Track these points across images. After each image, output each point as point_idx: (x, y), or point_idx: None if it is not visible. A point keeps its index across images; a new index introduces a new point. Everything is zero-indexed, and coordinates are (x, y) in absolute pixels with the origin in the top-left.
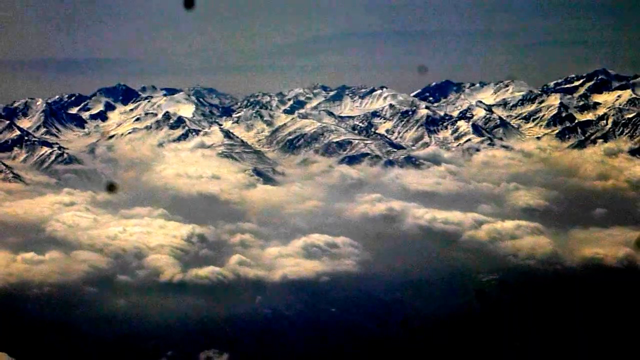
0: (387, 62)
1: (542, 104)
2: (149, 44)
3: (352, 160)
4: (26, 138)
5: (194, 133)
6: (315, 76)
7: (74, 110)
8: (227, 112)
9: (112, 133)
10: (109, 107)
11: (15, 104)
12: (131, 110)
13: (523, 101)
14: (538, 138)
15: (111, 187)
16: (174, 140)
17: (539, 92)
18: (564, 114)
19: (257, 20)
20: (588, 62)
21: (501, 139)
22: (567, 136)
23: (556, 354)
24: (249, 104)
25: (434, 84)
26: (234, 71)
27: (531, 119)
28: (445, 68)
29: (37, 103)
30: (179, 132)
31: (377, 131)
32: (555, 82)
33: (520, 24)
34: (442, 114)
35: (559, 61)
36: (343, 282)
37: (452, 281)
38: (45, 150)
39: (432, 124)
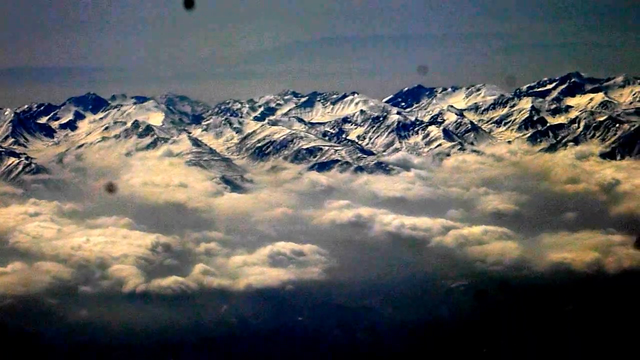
0: (360, 67)
1: (514, 108)
2: (121, 52)
3: (321, 166)
4: None
5: (162, 141)
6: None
7: (43, 120)
8: (198, 119)
9: (81, 142)
10: (79, 116)
11: None
12: (101, 119)
13: (495, 105)
14: (509, 142)
15: (111, 188)
16: (142, 149)
17: (511, 96)
18: (535, 118)
19: (232, 27)
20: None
21: (472, 143)
22: (538, 140)
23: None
24: (219, 111)
25: (405, 89)
26: (208, 78)
27: (503, 122)
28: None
29: (5, 113)
30: (147, 140)
31: (347, 137)
32: (527, 85)
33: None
34: (413, 119)
35: (533, 64)
36: (309, 290)
37: (420, 287)
38: (13, 160)
39: (403, 129)
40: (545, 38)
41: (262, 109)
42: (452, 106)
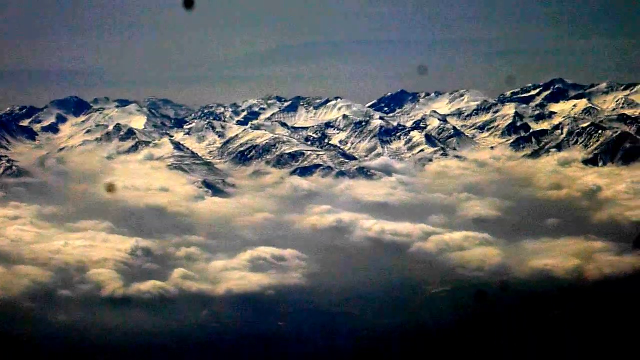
0: (345, 72)
1: (497, 114)
2: (106, 56)
3: (304, 171)
4: None
5: (144, 145)
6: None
7: (25, 123)
8: (180, 123)
9: (63, 145)
10: (61, 119)
11: None
12: (83, 122)
13: (478, 111)
14: (492, 148)
15: (111, 188)
16: (124, 152)
17: (495, 102)
18: (519, 124)
19: (218, 31)
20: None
21: (455, 149)
22: (521, 146)
23: None
24: (203, 115)
25: (389, 94)
26: (193, 82)
27: (486, 128)
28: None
29: None
30: (129, 144)
31: (330, 142)
32: (512, 91)
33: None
34: (395, 124)
35: (518, 70)
36: (290, 295)
37: (400, 293)
38: None
39: (386, 134)
40: (530, 44)
41: (245, 113)
42: (435, 111)
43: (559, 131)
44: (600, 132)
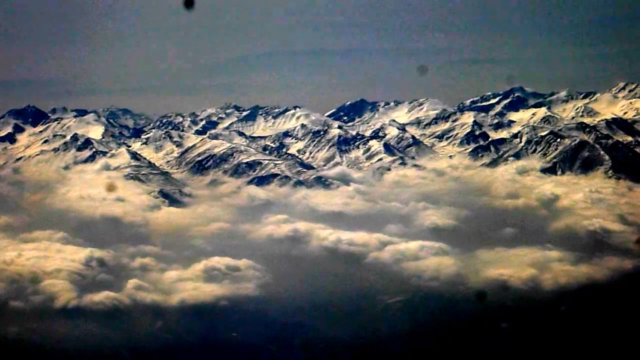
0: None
1: (456, 122)
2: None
3: (261, 180)
4: None
5: (100, 155)
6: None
7: None
8: (139, 133)
9: (19, 155)
10: (18, 129)
11: None
12: (40, 132)
13: (437, 119)
14: (451, 157)
15: (110, 188)
16: (80, 162)
17: (454, 111)
18: (477, 132)
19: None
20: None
21: (413, 158)
22: (480, 154)
23: None
24: (161, 124)
25: (348, 103)
26: (154, 91)
27: (445, 137)
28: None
29: None
30: (86, 153)
31: (288, 151)
32: (471, 100)
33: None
34: (354, 133)
35: (477, 79)
36: (244, 305)
37: (356, 303)
38: None
39: (344, 143)
40: (490, 53)
41: (203, 122)
42: (394, 120)
43: (518, 140)
44: (558, 140)
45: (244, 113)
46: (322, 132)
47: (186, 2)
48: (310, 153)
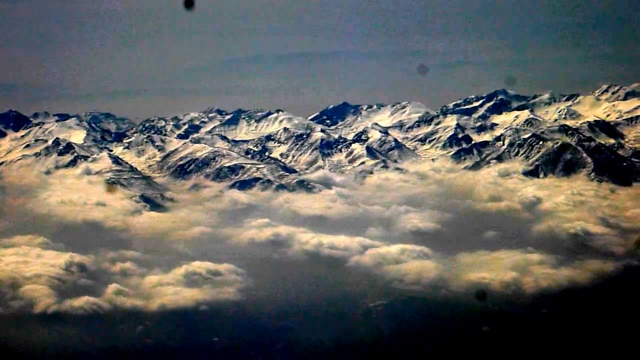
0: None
1: (439, 125)
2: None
3: (243, 185)
4: None
5: (82, 159)
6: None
7: None
8: (121, 137)
9: (1, 160)
10: (0, 134)
11: None
12: (22, 136)
13: (420, 123)
14: (433, 160)
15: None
16: (62, 167)
17: (436, 114)
18: (460, 135)
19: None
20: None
21: (396, 161)
22: (462, 157)
23: None
24: (144, 129)
25: (331, 106)
26: (137, 95)
27: (427, 140)
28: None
29: None
30: (67, 158)
31: (271, 155)
32: (454, 103)
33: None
34: (337, 136)
35: (460, 82)
36: (225, 310)
37: (337, 307)
38: None
39: (327, 147)
40: (473, 55)
41: (186, 126)
42: (376, 124)
43: (500, 142)
44: (541, 143)
45: (227, 117)
46: (304, 136)
47: (186, 2)
48: (293, 157)
